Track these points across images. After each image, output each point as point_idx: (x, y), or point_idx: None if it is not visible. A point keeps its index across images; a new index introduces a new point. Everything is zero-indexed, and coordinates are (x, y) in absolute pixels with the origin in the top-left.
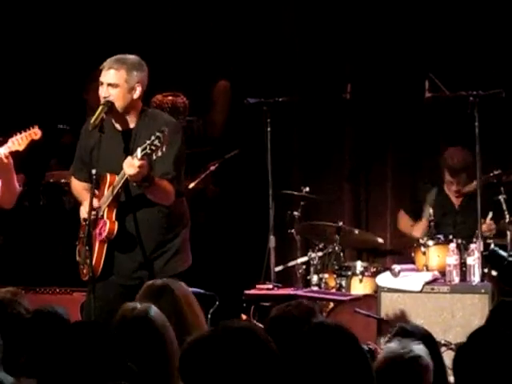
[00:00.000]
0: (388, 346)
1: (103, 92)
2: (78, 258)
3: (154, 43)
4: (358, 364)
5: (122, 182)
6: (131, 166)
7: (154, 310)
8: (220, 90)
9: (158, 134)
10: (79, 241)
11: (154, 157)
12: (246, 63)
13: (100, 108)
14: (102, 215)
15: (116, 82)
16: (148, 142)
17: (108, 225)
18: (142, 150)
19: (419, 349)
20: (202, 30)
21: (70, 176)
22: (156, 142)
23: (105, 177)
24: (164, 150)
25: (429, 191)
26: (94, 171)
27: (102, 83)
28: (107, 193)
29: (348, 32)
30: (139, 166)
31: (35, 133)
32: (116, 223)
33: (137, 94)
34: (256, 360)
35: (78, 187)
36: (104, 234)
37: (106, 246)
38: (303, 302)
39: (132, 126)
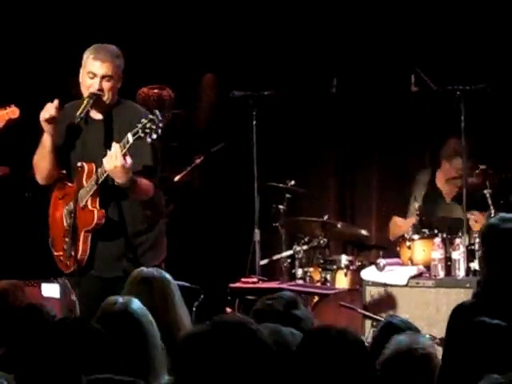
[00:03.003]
0: (398, 340)
1: (96, 84)
2: (56, 253)
3: (140, 36)
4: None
5: (106, 174)
6: (111, 161)
7: (135, 304)
8: (206, 83)
9: (150, 116)
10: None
11: (149, 139)
12: (232, 56)
13: (86, 100)
14: (86, 205)
15: (111, 74)
16: (139, 125)
17: (96, 213)
18: (134, 134)
19: (429, 344)
20: (188, 23)
21: None
22: (149, 125)
23: (82, 167)
24: (159, 132)
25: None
26: (79, 164)
27: (94, 75)
28: (88, 183)
29: (334, 26)
30: (122, 166)
31: (13, 112)
32: (103, 211)
33: (120, 83)
34: (251, 355)
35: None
36: (94, 223)
37: (90, 236)
38: (286, 294)
39: (110, 115)
